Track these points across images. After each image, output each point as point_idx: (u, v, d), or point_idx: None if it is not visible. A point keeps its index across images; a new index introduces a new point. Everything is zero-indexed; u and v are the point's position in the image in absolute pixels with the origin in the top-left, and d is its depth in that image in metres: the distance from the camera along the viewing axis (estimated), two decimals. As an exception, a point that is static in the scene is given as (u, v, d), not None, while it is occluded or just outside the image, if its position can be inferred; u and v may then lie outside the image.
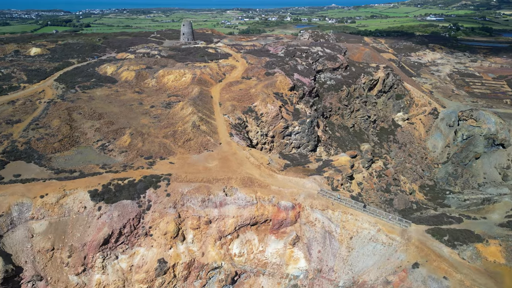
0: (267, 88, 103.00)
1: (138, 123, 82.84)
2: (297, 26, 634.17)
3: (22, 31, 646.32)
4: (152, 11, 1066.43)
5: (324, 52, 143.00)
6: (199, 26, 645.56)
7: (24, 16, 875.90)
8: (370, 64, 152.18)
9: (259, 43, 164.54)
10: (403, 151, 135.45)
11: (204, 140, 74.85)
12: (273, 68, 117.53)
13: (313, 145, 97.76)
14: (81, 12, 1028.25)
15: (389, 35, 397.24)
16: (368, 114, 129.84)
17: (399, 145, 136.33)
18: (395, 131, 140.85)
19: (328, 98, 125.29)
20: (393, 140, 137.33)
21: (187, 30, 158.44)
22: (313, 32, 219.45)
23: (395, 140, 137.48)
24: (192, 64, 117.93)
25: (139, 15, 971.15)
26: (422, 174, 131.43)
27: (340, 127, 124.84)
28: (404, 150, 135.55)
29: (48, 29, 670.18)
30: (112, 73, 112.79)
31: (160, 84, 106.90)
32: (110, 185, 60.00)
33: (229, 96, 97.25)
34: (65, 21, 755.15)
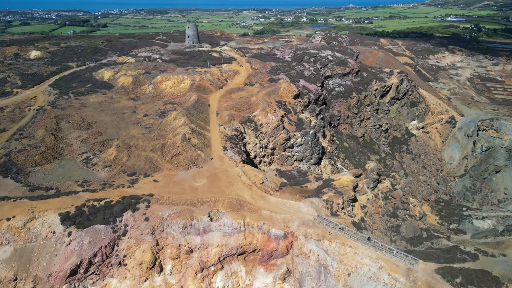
0: (269, 96, 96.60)
1: (127, 134, 77.61)
2: (312, 26, 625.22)
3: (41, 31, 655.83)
4: (169, 11, 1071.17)
5: (334, 57, 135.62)
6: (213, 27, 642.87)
7: (45, 16, 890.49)
8: (384, 69, 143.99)
9: (266, 46, 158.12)
10: (417, 162, 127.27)
11: (194, 155, 69.01)
12: (277, 74, 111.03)
13: (317, 158, 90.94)
14: (100, 12, 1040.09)
15: (407, 37, 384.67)
16: (380, 123, 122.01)
17: (412, 156, 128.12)
18: (409, 141, 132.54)
19: (337, 106, 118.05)
20: (406, 150, 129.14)
21: (192, 32, 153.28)
22: (326, 34, 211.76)
23: (408, 151, 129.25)
24: (193, 69, 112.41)
25: (156, 15, 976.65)
26: (437, 187, 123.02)
27: (348, 137, 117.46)
28: (417, 162, 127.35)
29: (66, 29, 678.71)
30: (109, 78, 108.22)
31: (158, 91, 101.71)
32: (84, 207, 54.68)
33: (227, 104, 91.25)
34: (83, 21, 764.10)
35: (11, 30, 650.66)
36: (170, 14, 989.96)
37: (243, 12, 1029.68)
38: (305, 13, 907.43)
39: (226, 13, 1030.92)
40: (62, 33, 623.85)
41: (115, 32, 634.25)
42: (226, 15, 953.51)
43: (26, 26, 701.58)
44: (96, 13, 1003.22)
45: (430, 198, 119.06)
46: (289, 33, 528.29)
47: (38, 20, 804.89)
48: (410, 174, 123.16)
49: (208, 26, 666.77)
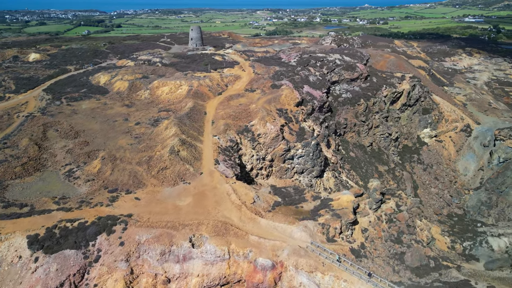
0: (270, 103, 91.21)
1: (115, 144, 73.22)
2: (326, 27, 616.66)
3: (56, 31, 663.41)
4: (183, 12, 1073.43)
5: (342, 61, 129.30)
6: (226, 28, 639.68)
7: (62, 16, 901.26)
8: (395, 73, 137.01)
9: (273, 49, 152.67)
10: (429, 173, 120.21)
11: (182, 169, 64.11)
12: (280, 80, 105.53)
13: (319, 171, 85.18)
14: (116, 12, 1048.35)
15: (422, 38, 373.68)
16: (389, 131, 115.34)
17: (424, 166, 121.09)
18: (420, 150, 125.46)
19: (343, 113, 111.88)
20: (417, 160, 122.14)
21: (195, 35, 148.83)
22: (336, 36, 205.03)
23: (420, 161, 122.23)
24: (192, 74, 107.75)
25: (170, 15, 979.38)
26: (450, 201, 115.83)
27: (355, 146, 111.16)
28: (429, 172, 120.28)
29: (81, 29, 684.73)
30: (105, 83, 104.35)
31: (154, 97, 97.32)
32: (56, 229, 50.26)
33: (224, 112, 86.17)
34: (98, 22, 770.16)
35: (27, 30, 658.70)
36: (184, 15, 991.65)
37: (257, 12, 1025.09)
38: (319, 13, 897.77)
39: (240, 13, 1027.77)
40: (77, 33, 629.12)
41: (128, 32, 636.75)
42: (240, 15, 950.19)
43: (42, 26, 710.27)
44: (111, 13, 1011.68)
45: (442, 212, 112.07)
46: (302, 34, 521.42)
47: (55, 20, 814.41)
48: (421, 186, 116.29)
49: (220, 27, 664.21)
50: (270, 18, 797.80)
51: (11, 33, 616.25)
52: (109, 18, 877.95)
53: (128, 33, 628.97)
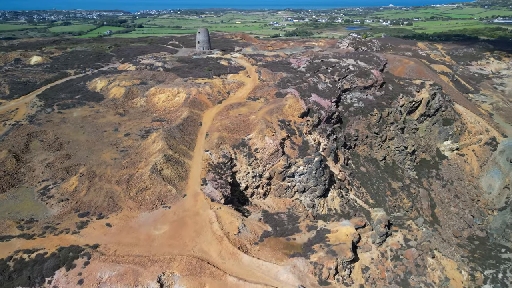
0: (271, 114, 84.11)
1: (98, 158, 67.74)
2: (347, 28, 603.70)
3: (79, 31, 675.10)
4: (205, 12, 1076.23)
5: (356, 66, 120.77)
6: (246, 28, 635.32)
7: (87, 16, 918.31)
8: (414, 80, 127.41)
9: (284, 53, 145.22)
10: (448, 190, 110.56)
11: (163, 190, 57.86)
12: (286, 87, 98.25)
13: (322, 190, 77.57)
14: (139, 12, 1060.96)
15: (448, 40, 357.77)
16: (405, 144, 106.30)
17: (443, 183, 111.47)
18: (440, 164, 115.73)
19: (354, 124, 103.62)
20: (436, 175, 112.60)
21: (202, 38, 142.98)
22: (354, 39, 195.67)
23: (439, 176, 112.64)
24: (193, 80, 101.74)
25: (191, 15, 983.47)
26: (472, 221, 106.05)
27: (367, 160, 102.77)
28: (449, 189, 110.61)
29: (103, 29, 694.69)
30: (102, 88, 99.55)
31: (150, 104, 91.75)
32: (11, 260, 44.75)
33: (221, 124, 79.59)
34: (120, 22, 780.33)
35: (52, 30, 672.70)
36: (205, 15, 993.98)
37: (278, 12, 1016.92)
38: (341, 14, 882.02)
39: (261, 13, 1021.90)
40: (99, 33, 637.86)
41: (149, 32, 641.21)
42: (261, 16, 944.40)
43: (67, 25, 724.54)
44: (135, 14, 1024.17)
45: (462, 234, 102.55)
46: (322, 35, 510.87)
47: (80, 20, 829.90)
48: (439, 205, 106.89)
49: (240, 27, 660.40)
50: (291, 18, 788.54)
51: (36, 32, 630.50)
52: (132, 18, 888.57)
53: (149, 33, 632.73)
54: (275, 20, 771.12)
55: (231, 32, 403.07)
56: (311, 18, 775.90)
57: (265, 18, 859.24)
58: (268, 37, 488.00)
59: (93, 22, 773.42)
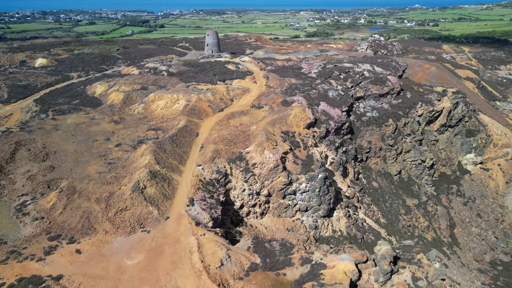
0: (274, 125, 77.98)
1: (83, 171, 63.31)
2: (370, 29, 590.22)
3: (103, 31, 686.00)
4: (227, 12, 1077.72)
5: (372, 72, 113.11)
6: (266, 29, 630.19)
7: (111, 16, 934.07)
8: (435, 87, 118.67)
9: (296, 56, 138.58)
10: (470, 208, 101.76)
11: (144, 212, 52.72)
12: (293, 95, 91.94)
13: (326, 210, 71.00)
14: (162, 12, 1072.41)
15: (476, 42, 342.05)
16: (422, 158, 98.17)
17: (464, 200, 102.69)
18: (461, 180, 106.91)
19: (367, 135, 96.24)
20: (456, 192, 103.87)
21: (211, 40, 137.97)
22: (374, 42, 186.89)
23: (460, 193, 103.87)
24: (195, 86, 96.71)
25: (213, 15, 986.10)
26: (495, 244, 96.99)
27: (379, 174, 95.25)
28: (471, 208, 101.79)
29: (125, 29, 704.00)
30: (101, 93, 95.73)
31: (147, 111, 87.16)
32: (-37, 292, 40.52)
33: (218, 135, 74.04)
34: (142, 22, 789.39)
35: (77, 29, 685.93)
36: (226, 15, 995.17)
37: (300, 12, 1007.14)
38: (364, 14, 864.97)
39: (283, 13, 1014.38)
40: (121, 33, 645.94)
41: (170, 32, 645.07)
42: (283, 16, 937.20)
43: (92, 25, 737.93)
44: (158, 14, 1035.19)
45: (483, 258, 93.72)
46: (343, 36, 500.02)
47: (104, 20, 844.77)
48: (459, 224, 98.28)
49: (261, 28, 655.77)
50: (312, 19, 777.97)
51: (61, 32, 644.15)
52: (155, 18, 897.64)
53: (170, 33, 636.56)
54: (296, 20, 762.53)
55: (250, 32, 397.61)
56: (333, 18, 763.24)
57: (287, 18, 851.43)
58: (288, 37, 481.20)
59: (116, 22, 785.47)
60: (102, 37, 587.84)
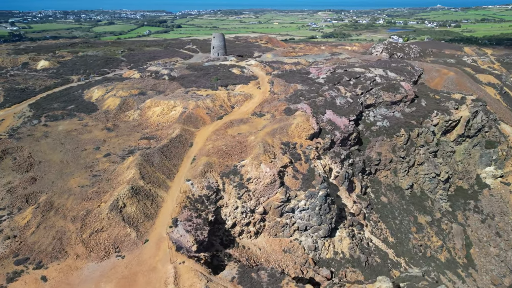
0: (274, 135, 72.74)
1: (64, 184, 59.43)
2: (389, 30, 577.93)
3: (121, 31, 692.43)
4: (244, 12, 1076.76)
5: (384, 78, 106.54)
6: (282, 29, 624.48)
7: (130, 16, 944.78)
8: (452, 94, 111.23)
9: (306, 60, 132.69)
10: (488, 226, 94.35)
11: (121, 234, 48.32)
12: (298, 102, 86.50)
13: (327, 230, 65.44)
14: (180, 13, 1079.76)
15: (499, 44, 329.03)
16: (437, 171, 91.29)
17: (482, 217, 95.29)
18: (479, 194, 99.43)
19: (376, 146, 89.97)
20: (473, 208, 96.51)
21: (217, 43, 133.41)
22: (390, 44, 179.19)
23: (477, 209, 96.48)
24: (195, 91, 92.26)
25: (230, 16, 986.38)
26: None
27: (389, 189, 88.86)
28: (489, 225, 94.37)
29: (143, 29, 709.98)
30: (98, 98, 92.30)
31: (143, 118, 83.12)
32: None
33: (213, 146, 69.25)
34: (160, 22, 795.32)
35: (95, 29, 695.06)
36: (243, 15, 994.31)
37: (318, 13, 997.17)
38: (384, 15, 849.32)
39: (301, 14, 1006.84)
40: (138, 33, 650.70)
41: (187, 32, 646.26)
42: (300, 16, 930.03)
43: (110, 25, 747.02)
44: (176, 14, 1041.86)
45: (502, 281, 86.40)
46: (360, 37, 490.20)
47: (123, 20, 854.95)
48: (476, 244, 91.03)
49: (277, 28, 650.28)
50: (330, 19, 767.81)
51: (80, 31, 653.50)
52: (172, 18, 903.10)
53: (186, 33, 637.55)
54: (314, 21, 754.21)
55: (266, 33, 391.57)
56: (351, 19, 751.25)
57: (304, 19, 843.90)
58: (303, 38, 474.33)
59: (135, 22, 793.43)
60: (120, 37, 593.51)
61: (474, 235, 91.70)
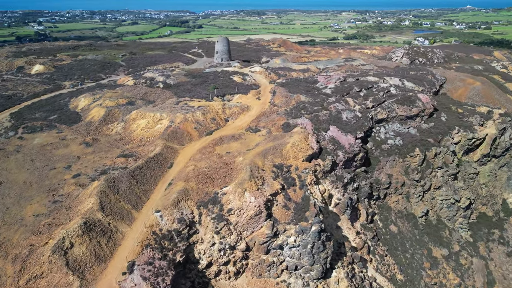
0: (266, 156, 64.01)
1: (18, 212, 52.41)
2: (415, 31, 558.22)
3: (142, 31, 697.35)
4: (267, 13, 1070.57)
5: (400, 89, 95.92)
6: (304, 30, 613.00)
7: (154, 16, 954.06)
8: (478, 107, 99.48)
9: (316, 66, 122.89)
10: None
11: (62, 282, 40.72)
12: (298, 117, 77.44)
13: (320, 272, 56.21)
14: (204, 13, 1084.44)
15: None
16: (457, 197, 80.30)
17: (508, 249, 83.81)
18: (505, 223, 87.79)
19: (387, 167, 79.77)
20: (498, 239, 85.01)
21: (221, 48, 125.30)
22: (411, 49, 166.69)
23: (503, 240, 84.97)
24: (187, 101, 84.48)
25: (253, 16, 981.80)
26: (547, 310, 77.61)
27: (400, 216, 78.52)
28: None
29: (164, 29, 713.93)
30: (83, 108, 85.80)
31: (126, 132, 75.85)
32: None
33: (195, 167, 61.07)
34: (181, 22, 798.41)
35: (118, 29, 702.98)
36: (266, 16, 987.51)
37: (342, 13, 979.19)
38: (410, 16, 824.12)
39: (324, 14, 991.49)
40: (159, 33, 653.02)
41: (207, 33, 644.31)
42: (323, 17, 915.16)
43: (133, 25, 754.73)
44: (199, 14, 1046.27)
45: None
46: (384, 39, 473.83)
47: (147, 20, 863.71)
48: (500, 281, 79.60)
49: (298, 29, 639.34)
50: (354, 20, 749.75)
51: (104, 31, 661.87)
52: (194, 18, 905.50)
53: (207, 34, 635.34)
54: (337, 22, 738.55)
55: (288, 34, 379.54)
56: (375, 20, 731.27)
57: (327, 19, 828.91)
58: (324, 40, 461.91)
59: (157, 23, 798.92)
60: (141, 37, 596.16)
61: (498, 271, 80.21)
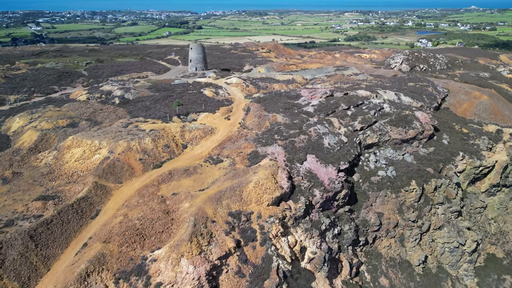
0: (220, 200, 50.38)
1: None
2: (418, 32, 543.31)
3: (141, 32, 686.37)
4: (269, 13, 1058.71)
5: (395, 105, 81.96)
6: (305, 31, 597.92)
7: (155, 17, 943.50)
8: (485, 126, 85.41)
9: (302, 77, 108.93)
10: (533, 316, 68.25)
11: None
12: (269, 144, 63.74)
13: None
14: (205, 13, 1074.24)
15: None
16: (461, 240, 66.31)
17: (524, 302, 69.38)
18: (520, 268, 73.46)
19: (377, 204, 65.89)
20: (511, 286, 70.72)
21: (195, 55, 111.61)
22: (411, 54, 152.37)
23: (517, 290, 70.62)
24: (140, 124, 70.86)
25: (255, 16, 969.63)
26: None
27: (392, 265, 64.59)
28: (534, 316, 68.25)
29: (163, 30, 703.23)
30: (16, 131, 72.45)
31: (58, 163, 62.26)
32: None
33: (123, 219, 47.47)
34: (181, 23, 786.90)
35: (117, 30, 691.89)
36: (268, 16, 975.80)
37: (345, 14, 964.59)
38: (414, 16, 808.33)
39: (327, 15, 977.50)
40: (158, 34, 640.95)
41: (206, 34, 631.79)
42: (326, 17, 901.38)
43: (132, 26, 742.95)
44: (201, 14, 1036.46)
45: None
46: (386, 40, 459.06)
47: (148, 21, 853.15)
48: None
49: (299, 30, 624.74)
50: (356, 21, 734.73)
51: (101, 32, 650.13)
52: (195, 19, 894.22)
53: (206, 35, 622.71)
54: (339, 22, 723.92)
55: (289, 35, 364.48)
56: (378, 20, 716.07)
57: (329, 20, 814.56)
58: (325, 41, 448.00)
59: (157, 23, 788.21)
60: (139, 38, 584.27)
61: (512, 331, 66.15)
